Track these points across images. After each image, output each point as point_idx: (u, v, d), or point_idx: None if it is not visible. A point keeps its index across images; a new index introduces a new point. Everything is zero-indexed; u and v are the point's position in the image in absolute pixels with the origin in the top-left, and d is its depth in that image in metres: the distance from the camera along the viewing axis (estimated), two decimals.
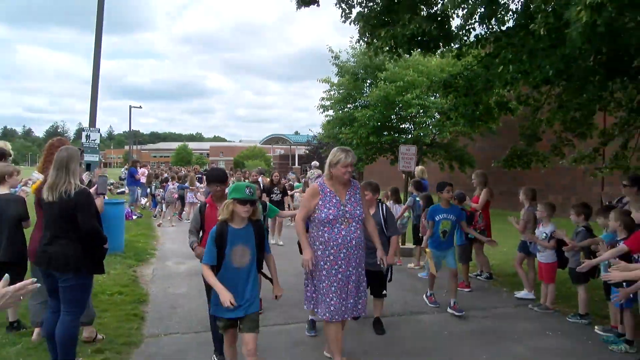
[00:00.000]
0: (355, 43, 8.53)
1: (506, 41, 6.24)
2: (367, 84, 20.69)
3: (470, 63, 8.63)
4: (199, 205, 4.71)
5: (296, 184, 17.14)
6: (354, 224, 4.33)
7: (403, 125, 20.24)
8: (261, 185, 11.37)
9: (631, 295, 4.78)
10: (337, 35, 58.74)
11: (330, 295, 4.24)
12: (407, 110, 18.26)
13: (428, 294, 6.76)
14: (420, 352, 5.05)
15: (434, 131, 19.00)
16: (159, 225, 14.70)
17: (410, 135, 19.58)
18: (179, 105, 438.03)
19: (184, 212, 15.95)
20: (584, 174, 10.20)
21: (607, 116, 8.61)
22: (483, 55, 7.95)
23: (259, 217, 3.94)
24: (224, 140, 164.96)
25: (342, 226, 4.28)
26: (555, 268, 6.46)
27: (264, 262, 4.04)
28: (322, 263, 4.26)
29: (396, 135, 19.70)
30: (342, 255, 4.26)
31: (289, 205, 12.68)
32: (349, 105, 20.99)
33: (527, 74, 5.33)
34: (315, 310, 4.40)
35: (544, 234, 6.44)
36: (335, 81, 20.74)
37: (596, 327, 5.75)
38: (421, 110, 18.47)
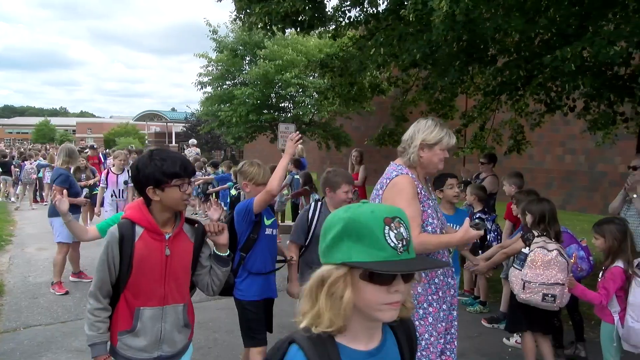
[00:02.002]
0: (233, 20, 8.31)
1: (375, 25, 6.51)
2: (247, 62, 20.41)
3: (346, 44, 8.88)
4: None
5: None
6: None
7: (282, 104, 20.35)
8: None
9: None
10: (217, 8, 57.11)
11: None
12: (287, 89, 18.38)
13: None
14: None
15: (312, 110, 19.35)
16: (16, 209, 13.37)
17: (289, 114, 19.76)
18: (38, 76, 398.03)
19: (43, 194, 14.60)
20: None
21: (468, 99, 9.37)
22: (357, 37, 8.23)
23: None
24: (92, 115, 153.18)
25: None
26: None
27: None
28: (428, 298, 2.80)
29: (276, 113, 19.77)
30: (447, 282, 2.86)
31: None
32: (227, 83, 20.58)
33: (397, 57, 5.63)
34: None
35: None
36: (214, 57, 20.18)
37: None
38: (300, 90, 18.69)
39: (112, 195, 7.64)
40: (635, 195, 4.79)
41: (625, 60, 5.75)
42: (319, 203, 3.85)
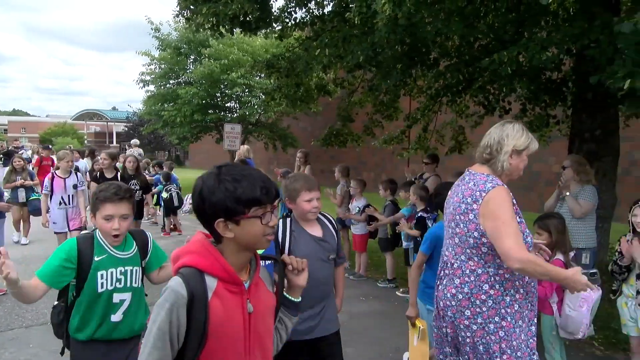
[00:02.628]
0: (175, 17, 8.15)
1: (321, 26, 6.56)
2: (191, 60, 20.02)
3: (292, 45, 8.89)
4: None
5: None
6: None
7: (228, 104, 20.09)
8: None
9: None
10: (161, 5, 55.59)
11: None
12: (232, 89, 18.16)
13: None
14: None
15: (259, 111, 19.22)
16: None
17: (235, 114, 19.54)
18: None
19: None
20: (393, 154, 11.27)
21: (412, 101, 9.61)
22: (303, 38, 8.26)
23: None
24: (26, 114, 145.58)
25: None
26: (366, 239, 7.08)
27: None
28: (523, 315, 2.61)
29: (221, 113, 19.50)
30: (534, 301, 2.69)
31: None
32: (171, 81, 20.11)
33: (342, 58, 5.70)
34: None
35: (357, 208, 7.00)
36: (157, 55, 19.66)
37: (397, 292, 6.46)
38: (246, 90, 18.52)
39: (60, 203, 6.72)
40: (567, 194, 5.04)
41: (557, 65, 6.06)
42: (288, 220, 3.06)
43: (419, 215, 5.80)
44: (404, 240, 6.22)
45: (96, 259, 2.54)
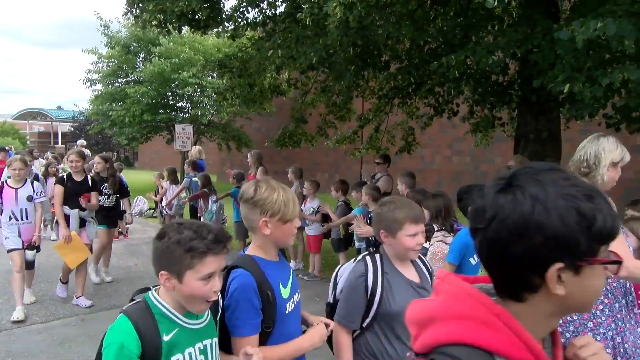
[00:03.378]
0: (124, 15, 7.93)
1: (273, 27, 6.55)
2: (140, 59, 19.52)
3: (245, 45, 8.82)
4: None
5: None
6: None
7: (180, 104, 19.72)
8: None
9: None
10: (110, 1, 53.95)
11: None
12: (184, 88, 17.84)
13: None
14: None
15: (211, 111, 18.95)
16: None
17: (187, 114, 19.20)
18: None
19: None
20: (345, 154, 11.37)
21: (364, 102, 9.72)
22: (256, 38, 8.21)
23: None
24: None
25: None
26: (321, 239, 7.11)
27: None
28: None
29: (172, 113, 19.11)
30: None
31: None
32: (120, 80, 19.54)
33: (295, 59, 5.70)
34: None
35: (311, 209, 7.02)
36: (104, 53, 19.05)
37: None
38: (198, 90, 18.23)
39: (10, 218, 5.46)
40: None
41: (503, 69, 6.27)
42: (378, 257, 2.39)
43: (370, 215, 5.87)
44: (356, 241, 6.28)
45: (165, 338, 1.68)
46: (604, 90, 4.18)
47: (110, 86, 19.38)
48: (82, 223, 5.87)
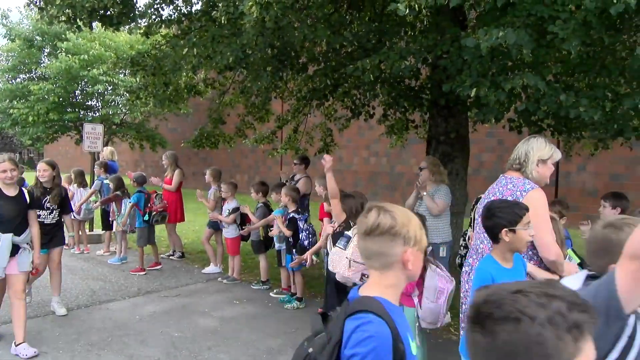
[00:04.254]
0: (27, 5, 7.39)
1: (188, 25, 6.39)
2: (45, 54, 18.33)
3: (159, 42, 8.53)
4: None
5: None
6: None
7: (89, 103, 18.72)
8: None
9: (305, 262, 5.59)
10: None
11: None
12: (94, 86, 16.95)
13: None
14: (110, 340, 4.84)
15: (123, 110, 18.15)
16: None
17: (97, 114, 18.26)
18: None
19: None
20: (264, 153, 11.33)
21: (283, 103, 9.73)
22: (171, 35, 7.95)
23: None
24: None
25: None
26: (239, 241, 7.02)
27: None
28: None
29: (81, 112, 18.11)
30: None
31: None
32: (22, 76, 18.23)
33: (211, 58, 5.59)
34: None
35: (228, 211, 6.92)
36: (3, 45, 17.69)
37: (271, 293, 6.51)
38: (109, 88, 17.40)
39: None
40: (424, 193, 5.45)
41: (415, 73, 6.53)
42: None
43: (290, 216, 5.89)
44: (276, 242, 6.27)
45: None
46: (507, 95, 4.46)
47: (10, 82, 18.02)
48: (15, 250, 4.47)
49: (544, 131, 6.34)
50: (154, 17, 7.38)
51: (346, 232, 4.00)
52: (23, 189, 4.77)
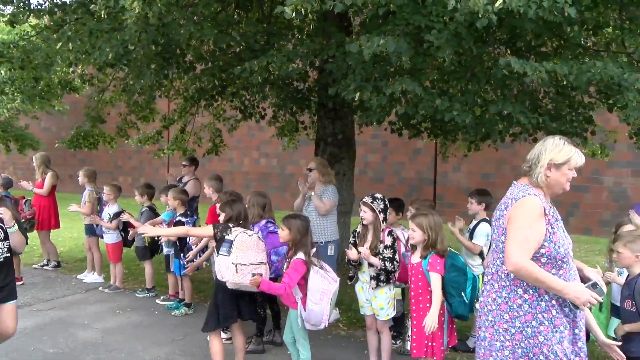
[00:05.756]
0: None
1: (62, 17, 5.94)
2: None
3: (28, 33, 7.82)
4: None
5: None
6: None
7: None
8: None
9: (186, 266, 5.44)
10: None
11: None
12: None
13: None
14: None
15: None
16: None
17: None
18: None
19: None
20: (149, 155, 10.87)
21: (170, 102, 9.40)
22: (42, 27, 7.32)
23: None
24: None
25: (572, 266, 2.73)
26: (121, 248, 6.65)
27: None
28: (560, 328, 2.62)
29: None
30: (579, 312, 2.69)
31: None
32: None
33: (89, 54, 5.24)
34: None
35: (108, 215, 6.53)
36: None
37: (157, 300, 6.26)
38: None
39: None
40: (313, 193, 5.56)
41: (303, 76, 6.65)
42: None
43: (177, 219, 5.70)
44: (164, 247, 6.04)
45: None
46: (388, 99, 4.70)
47: None
48: None
49: (422, 134, 6.78)
50: (20, 4, 6.74)
51: (227, 237, 3.94)
52: None
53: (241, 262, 3.83)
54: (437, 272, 3.59)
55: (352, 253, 4.20)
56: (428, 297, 3.65)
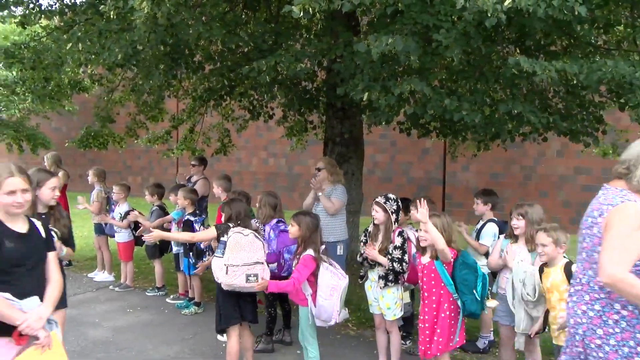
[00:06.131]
0: None
1: (72, 17, 5.99)
2: None
3: (39, 34, 7.90)
4: None
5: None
6: None
7: None
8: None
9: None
10: None
11: None
12: None
13: None
14: None
15: None
16: None
17: None
18: None
19: None
20: (158, 154, 10.92)
21: (179, 102, 9.45)
22: (53, 27, 7.38)
23: None
24: None
25: None
26: (132, 246, 6.69)
27: None
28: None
29: None
30: None
31: None
32: None
33: (98, 55, 5.28)
34: None
35: (120, 214, 6.57)
36: None
37: (167, 299, 6.29)
38: None
39: None
40: (321, 193, 5.56)
41: (311, 76, 6.65)
42: None
43: (186, 218, 5.73)
44: (174, 246, 6.07)
45: None
46: (396, 99, 4.68)
47: None
48: None
49: (431, 133, 6.75)
50: (31, 6, 6.81)
51: (222, 239, 3.95)
52: (33, 220, 2.86)
53: (232, 263, 3.82)
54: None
55: (370, 251, 4.18)
56: (440, 298, 3.67)
